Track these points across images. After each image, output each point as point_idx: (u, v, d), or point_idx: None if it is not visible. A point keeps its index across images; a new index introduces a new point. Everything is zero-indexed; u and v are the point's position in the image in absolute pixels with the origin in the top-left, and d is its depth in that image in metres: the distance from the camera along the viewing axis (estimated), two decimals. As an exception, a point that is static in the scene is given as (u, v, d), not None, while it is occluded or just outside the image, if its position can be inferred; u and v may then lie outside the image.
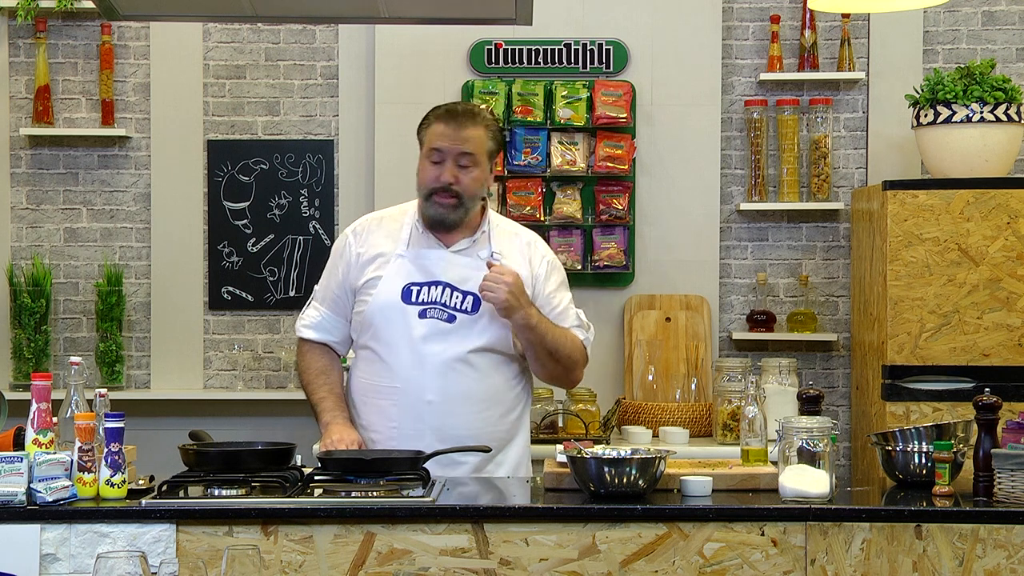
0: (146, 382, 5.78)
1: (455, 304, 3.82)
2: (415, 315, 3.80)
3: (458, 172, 3.82)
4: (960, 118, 5.11)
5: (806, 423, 3.30)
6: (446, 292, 3.83)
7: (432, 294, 3.82)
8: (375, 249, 3.90)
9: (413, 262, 3.85)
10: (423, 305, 3.81)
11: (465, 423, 3.80)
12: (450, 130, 3.84)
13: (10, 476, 3.11)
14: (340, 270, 3.93)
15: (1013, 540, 3.13)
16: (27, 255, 5.76)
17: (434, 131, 3.87)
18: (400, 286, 3.83)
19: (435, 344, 3.79)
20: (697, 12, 5.64)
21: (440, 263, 3.85)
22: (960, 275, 5.05)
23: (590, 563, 3.14)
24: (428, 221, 3.87)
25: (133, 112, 5.78)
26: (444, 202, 3.83)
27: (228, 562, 2.63)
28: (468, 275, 3.83)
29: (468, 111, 3.90)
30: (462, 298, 3.82)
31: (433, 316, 3.81)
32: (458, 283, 3.83)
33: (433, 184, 3.84)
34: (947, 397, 5.06)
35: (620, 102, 5.50)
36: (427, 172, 3.86)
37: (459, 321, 3.81)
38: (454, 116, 3.86)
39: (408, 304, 3.81)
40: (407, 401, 3.80)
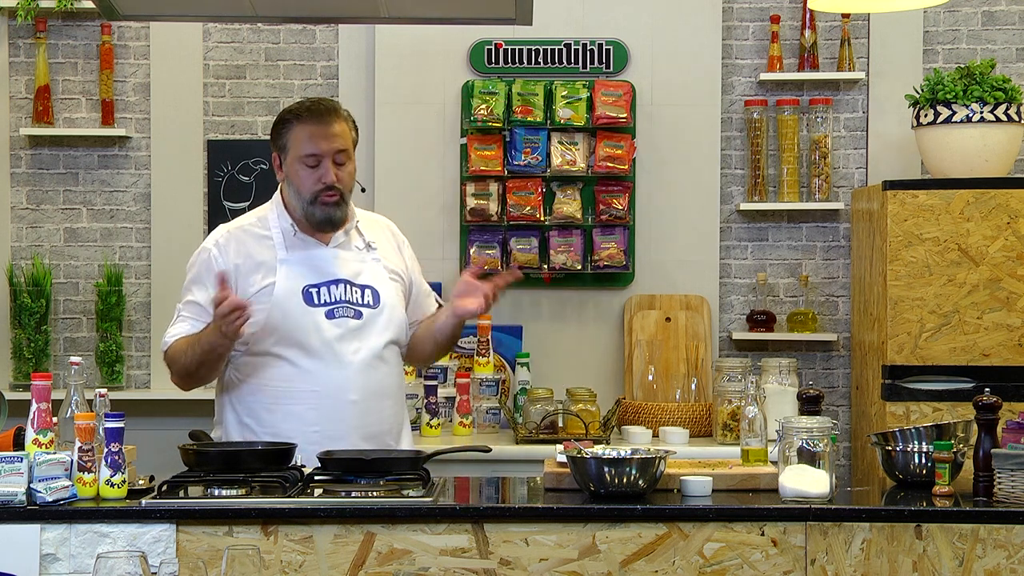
0: (146, 382, 5.78)
1: (358, 300, 3.83)
2: (322, 316, 3.79)
3: (337, 170, 3.82)
4: (960, 118, 5.11)
5: (806, 423, 3.30)
6: (348, 289, 3.84)
7: (334, 293, 3.82)
8: (253, 258, 3.84)
9: (302, 264, 3.83)
10: (328, 305, 3.81)
11: (384, 418, 3.85)
12: (321, 129, 3.80)
13: (10, 476, 3.11)
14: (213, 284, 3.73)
15: (1013, 540, 3.13)
16: (27, 255, 5.76)
17: (302, 133, 3.82)
18: (298, 289, 3.79)
19: (350, 343, 3.80)
20: (697, 12, 5.64)
21: (331, 261, 3.85)
22: (960, 275, 5.05)
23: (590, 563, 3.14)
24: (316, 223, 3.85)
25: (133, 112, 5.78)
26: (330, 201, 3.82)
27: (228, 562, 2.63)
28: (359, 269, 3.87)
29: (329, 107, 3.87)
30: (361, 293, 3.84)
31: (341, 315, 3.81)
32: (354, 278, 3.85)
33: (316, 187, 3.81)
34: (947, 397, 5.06)
35: (620, 102, 5.50)
36: (306, 176, 3.82)
37: (366, 317, 3.83)
38: (320, 115, 3.82)
39: (312, 306, 3.79)
40: (328, 403, 3.78)
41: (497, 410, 5.22)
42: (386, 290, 3.90)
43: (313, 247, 3.87)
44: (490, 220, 5.50)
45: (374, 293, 3.86)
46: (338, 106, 3.90)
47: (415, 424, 5.06)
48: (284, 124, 3.87)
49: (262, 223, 3.93)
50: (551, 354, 5.58)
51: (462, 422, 5.09)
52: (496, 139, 5.52)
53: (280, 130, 3.88)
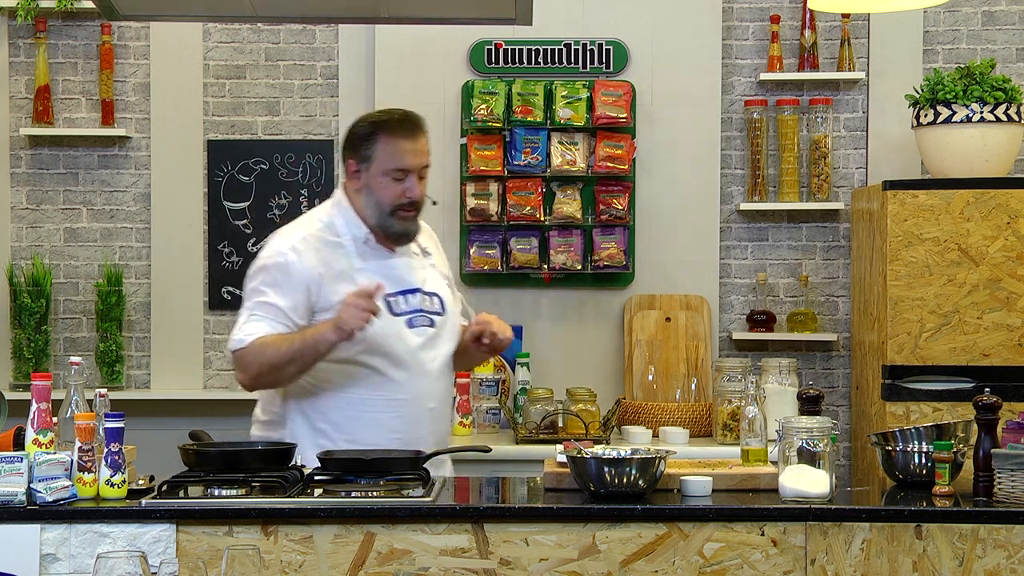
0: (146, 382, 5.79)
1: (430, 308, 3.85)
2: (404, 325, 3.78)
3: (419, 185, 3.81)
4: (960, 118, 5.11)
5: (806, 423, 3.30)
6: (424, 298, 3.84)
7: (412, 302, 3.82)
8: (332, 267, 3.78)
9: (378, 273, 3.78)
10: (408, 314, 3.80)
11: (448, 425, 3.94)
12: (414, 145, 3.81)
13: (10, 476, 3.11)
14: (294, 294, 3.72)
15: (1013, 540, 3.13)
16: (27, 255, 5.76)
17: (392, 147, 3.79)
18: (380, 299, 3.74)
19: (428, 351, 3.82)
20: (697, 12, 5.64)
21: (404, 269, 3.84)
22: (960, 275, 5.05)
23: (590, 563, 3.14)
24: (394, 235, 3.83)
25: (133, 112, 5.78)
26: (408, 216, 3.81)
27: (228, 562, 2.63)
28: (425, 276, 3.89)
29: (417, 121, 3.87)
30: (431, 300, 3.86)
31: (420, 324, 3.81)
32: (424, 286, 3.86)
33: (399, 200, 3.79)
34: (947, 397, 5.06)
35: (620, 102, 5.50)
36: (390, 190, 3.78)
37: (437, 324, 3.85)
38: (410, 130, 3.82)
39: (394, 315, 3.78)
40: (411, 411, 3.78)
41: (497, 410, 5.22)
42: (447, 296, 3.92)
43: (384, 256, 3.84)
44: (490, 220, 5.50)
45: (441, 300, 3.88)
46: (422, 120, 3.90)
47: (415, 424, 5.07)
48: (370, 136, 3.81)
49: (330, 230, 3.84)
50: (551, 354, 5.58)
51: (462, 422, 5.09)
52: (496, 139, 5.52)
53: (365, 140, 3.82)
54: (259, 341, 3.67)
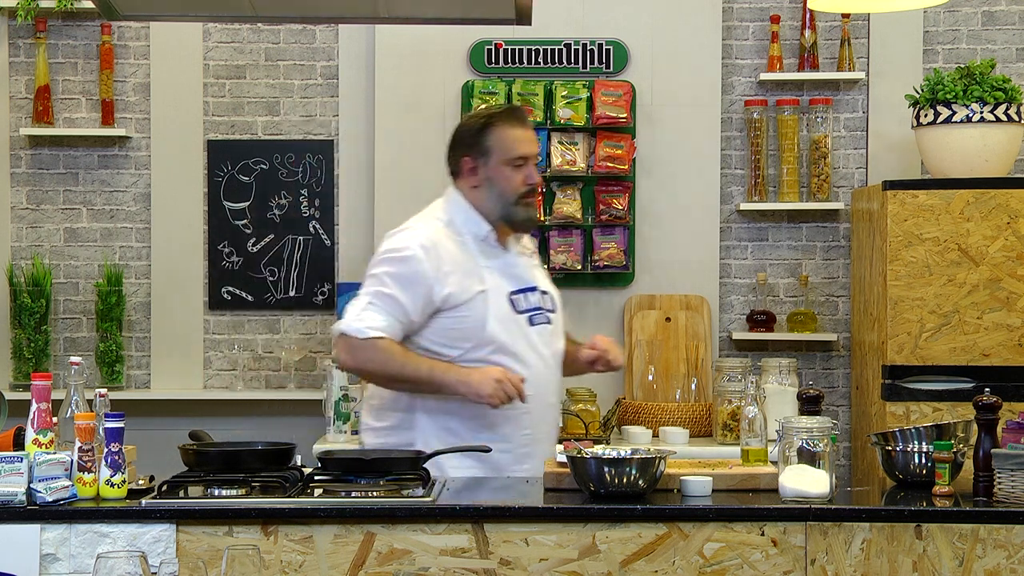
0: (146, 382, 5.79)
1: (547, 305, 3.89)
2: (526, 323, 3.82)
3: (536, 171, 3.87)
4: (960, 118, 5.11)
5: (806, 423, 3.30)
6: (541, 296, 3.88)
7: (531, 300, 3.85)
8: (460, 264, 3.77)
9: (501, 271, 3.82)
10: (528, 312, 3.83)
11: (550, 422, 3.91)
12: (527, 133, 3.85)
13: (10, 476, 3.11)
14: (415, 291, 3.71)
15: (1013, 540, 3.13)
16: (27, 255, 5.76)
17: (512, 136, 3.81)
18: (504, 297, 3.79)
19: (548, 348, 3.86)
20: (697, 12, 5.64)
21: (522, 267, 3.88)
22: (960, 275, 5.05)
23: (590, 563, 3.14)
24: (519, 223, 3.85)
25: (133, 112, 5.78)
26: (531, 201, 3.85)
27: (228, 562, 2.63)
28: (538, 275, 3.93)
29: (524, 112, 3.95)
30: (547, 297, 3.91)
31: (540, 321, 3.85)
32: (539, 283, 3.90)
33: (522, 188, 3.81)
34: (947, 397, 5.06)
35: (620, 102, 5.50)
36: (513, 179, 3.80)
37: (553, 321, 3.89)
38: (523, 119, 3.88)
39: (517, 313, 3.81)
40: (538, 407, 3.81)
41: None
42: (556, 295, 3.97)
43: (502, 254, 3.86)
44: (490, 220, 5.49)
45: (552, 298, 3.92)
46: None
47: (415, 424, 5.06)
48: (485, 129, 3.82)
49: (452, 227, 3.84)
50: (551, 354, 5.58)
51: (462, 422, 5.08)
52: (496, 139, 5.51)
53: (479, 135, 3.82)
54: (384, 345, 3.68)
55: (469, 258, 3.80)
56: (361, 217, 5.73)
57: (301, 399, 5.66)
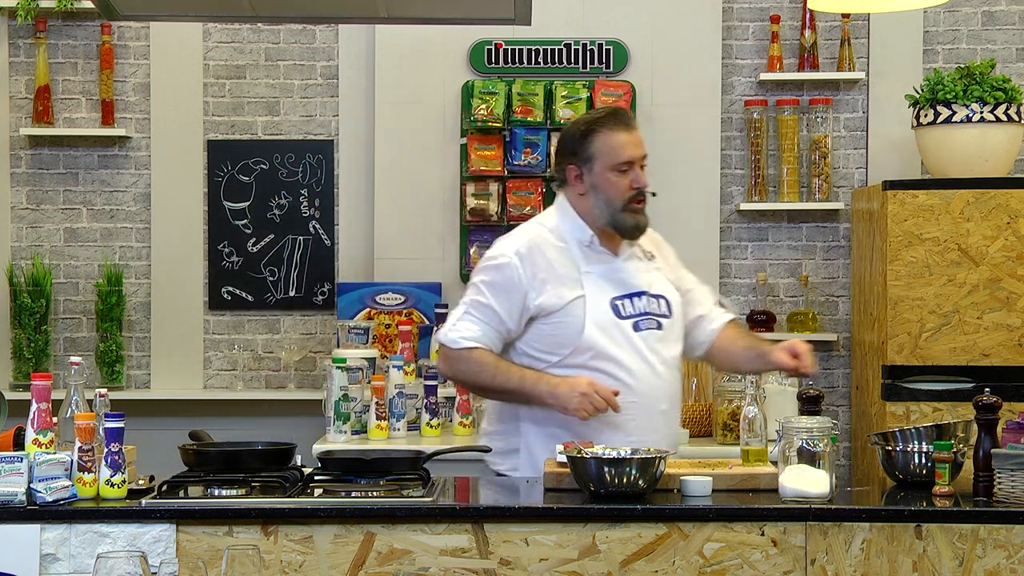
0: (146, 382, 5.79)
1: (656, 310, 3.81)
2: (631, 328, 3.76)
3: (643, 175, 3.81)
4: (960, 118, 5.11)
5: (806, 423, 3.30)
6: (650, 301, 3.80)
7: (638, 305, 3.78)
8: (556, 270, 3.76)
9: (603, 277, 3.79)
10: (634, 317, 3.77)
11: (677, 426, 3.85)
12: (631, 136, 3.78)
13: (10, 476, 3.11)
14: (510, 299, 3.73)
15: (1013, 540, 3.13)
16: (27, 255, 5.76)
17: (613, 141, 3.76)
18: (606, 302, 3.75)
19: (657, 353, 3.77)
20: (697, 12, 5.64)
21: (628, 272, 3.81)
22: (960, 275, 5.05)
23: (590, 563, 3.14)
24: (626, 229, 3.79)
25: (133, 112, 5.78)
26: (639, 207, 3.80)
27: (228, 562, 2.63)
28: (652, 279, 3.84)
29: (628, 114, 3.88)
30: (657, 303, 3.81)
31: (647, 327, 3.77)
32: (650, 289, 3.82)
33: (628, 193, 3.76)
34: (947, 397, 5.06)
35: (620, 102, 5.50)
36: (619, 184, 3.75)
37: (665, 327, 3.81)
38: (627, 122, 3.81)
39: (620, 319, 3.76)
40: (644, 414, 3.75)
41: (497, 410, 5.21)
42: (674, 299, 3.87)
43: (608, 259, 3.82)
44: (490, 220, 5.50)
45: (667, 303, 3.83)
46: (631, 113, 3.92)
47: (415, 424, 5.06)
48: (588, 135, 3.78)
49: (556, 234, 3.82)
50: (551, 354, 5.58)
51: (462, 422, 5.09)
52: (496, 139, 5.52)
53: (583, 142, 3.78)
54: (477, 355, 3.72)
55: (570, 264, 3.77)
56: (361, 217, 5.73)
57: (301, 399, 5.66)
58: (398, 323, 5.36)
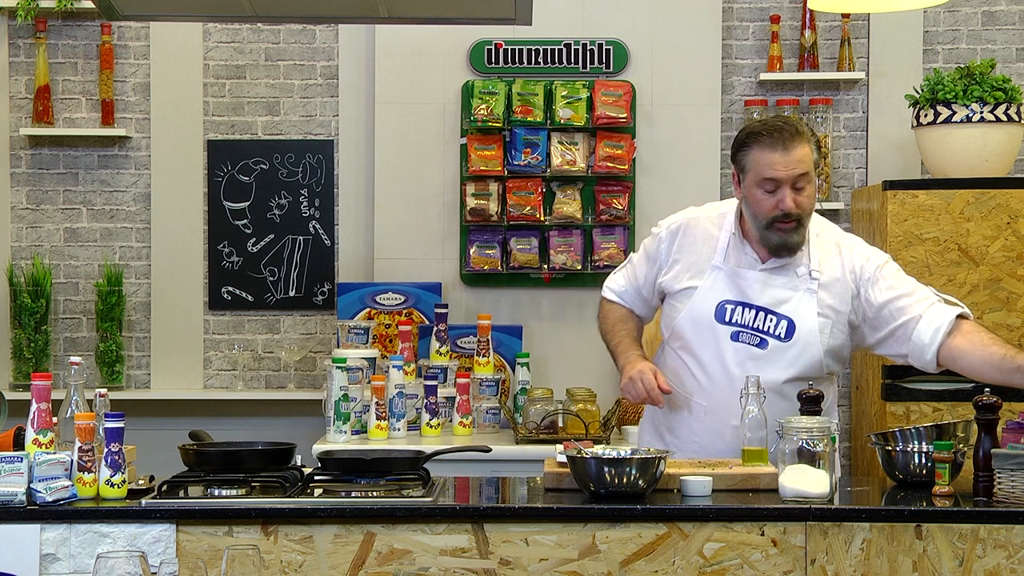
0: (146, 382, 5.79)
1: (768, 329, 3.72)
2: (727, 336, 3.73)
3: (796, 196, 3.65)
4: (960, 118, 5.11)
5: (806, 423, 3.30)
6: (759, 316, 3.72)
7: (746, 316, 3.73)
8: (690, 255, 3.80)
9: (729, 277, 3.75)
10: (736, 327, 3.73)
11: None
12: (782, 157, 3.64)
13: (10, 476, 3.11)
14: (648, 268, 3.93)
15: (1013, 540, 3.13)
16: (27, 255, 5.76)
17: (763, 159, 3.66)
18: (715, 302, 3.74)
19: (747, 370, 3.66)
20: (697, 12, 5.64)
21: (756, 284, 3.74)
22: (960, 275, 5.05)
23: (590, 563, 3.14)
24: (772, 248, 3.71)
25: (133, 112, 5.78)
26: (786, 227, 3.67)
27: (228, 562, 2.63)
28: (784, 296, 3.72)
29: (792, 131, 3.67)
30: (775, 322, 3.72)
31: (745, 340, 3.72)
32: (773, 306, 3.72)
33: (773, 213, 3.67)
34: (947, 397, 5.06)
35: (620, 102, 5.50)
36: (763, 203, 3.67)
37: (771, 347, 3.71)
38: (782, 140, 3.65)
39: (721, 324, 3.74)
40: (712, 420, 3.75)
41: (497, 410, 5.22)
42: (807, 325, 3.71)
43: (748, 263, 3.75)
44: (490, 220, 5.50)
45: (790, 325, 3.71)
46: (801, 127, 3.71)
47: (415, 424, 5.07)
48: (745, 145, 3.71)
49: (721, 220, 3.83)
50: (551, 354, 5.58)
51: (462, 422, 5.09)
52: (496, 139, 5.52)
53: (740, 150, 3.72)
54: (605, 311, 4.06)
55: (708, 254, 3.79)
56: (361, 217, 5.73)
57: (301, 399, 5.66)
58: (398, 323, 5.36)
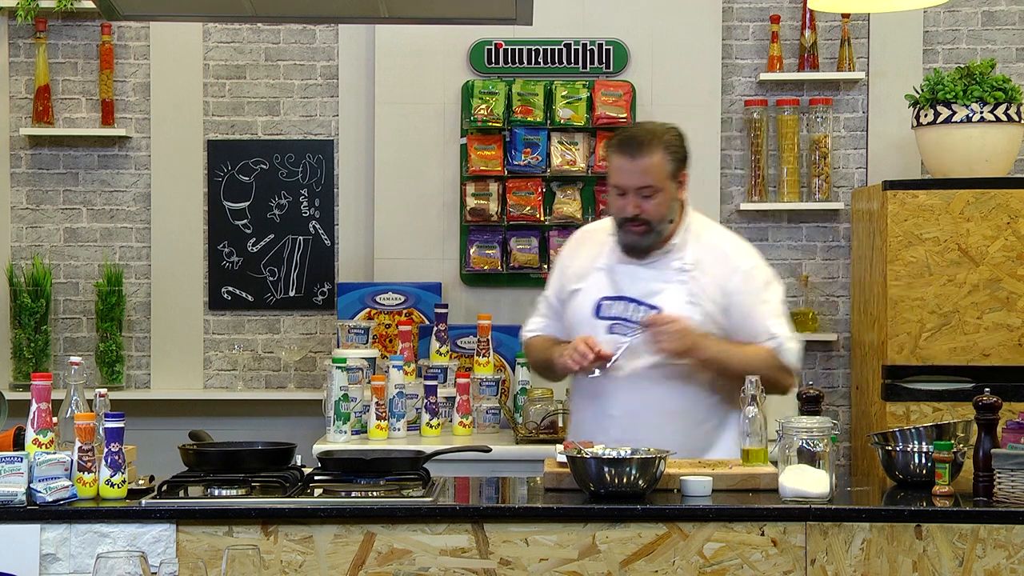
0: (146, 382, 5.78)
1: (637, 319, 3.83)
2: (603, 330, 3.84)
3: (641, 202, 3.80)
4: (960, 118, 5.11)
5: (806, 423, 3.30)
6: (631, 307, 3.85)
7: (616, 309, 3.86)
8: (580, 261, 3.97)
9: (608, 275, 3.90)
10: (611, 320, 3.85)
11: (653, 436, 3.68)
12: (627, 163, 3.80)
13: (10, 476, 3.11)
14: (556, 284, 4.04)
15: (1013, 540, 3.13)
16: (27, 255, 5.76)
17: (615, 164, 3.84)
18: (594, 300, 3.88)
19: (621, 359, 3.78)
20: (697, 12, 5.64)
21: (628, 277, 3.88)
22: (960, 275, 5.05)
23: (590, 563, 3.14)
24: (623, 247, 3.88)
25: (133, 112, 5.78)
26: (635, 230, 3.84)
27: (228, 562, 2.63)
28: (655, 288, 3.85)
29: (643, 140, 3.82)
30: (644, 313, 3.82)
31: (618, 332, 3.83)
32: (644, 297, 3.85)
33: (621, 215, 3.84)
34: (947, 397, 5.06)
35: (620, 102, 5.50)
36: (615, 204, 3.86)
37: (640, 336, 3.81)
38: (631, 149, 3.81)
39: (598, 319, 3.87)
40: (593, 415, 3.87)
41: (497, 410, 5.22)
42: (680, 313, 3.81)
43: (626, 260, 3.90)
44: (490, 220, 5.50)
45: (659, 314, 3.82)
46: (656, 135, 3.85)
47: (415, 424, 5.06)
48: (609, 147, 3.91)
49: (608, 227, 3.97)
50: (551, 354, 5.57)
51: (462, 422, 5.09)
52: (496, 139, 5.52)
53: (607, 152, 3.95)
54: (531, 343, 4.10)
55: (593, 258, 3.94)
56: (361, 217, 5.73)
57: (301, 399, 5.66)
58: (398, 323, 5.36)
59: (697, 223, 3.97)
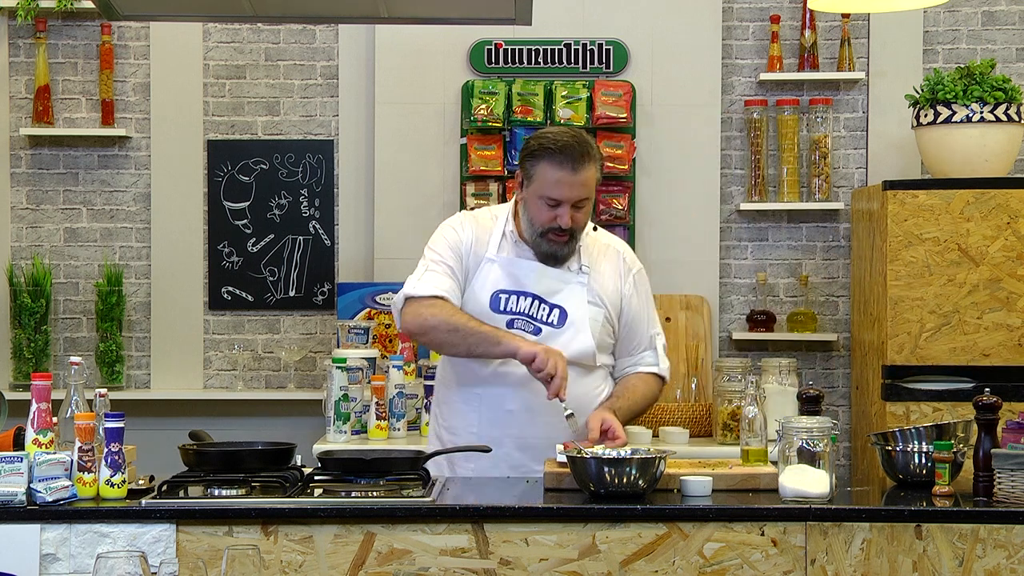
0: (146, 382, 5.79)
1: (541, 317, 3.79)
2: (503, 325, 3.76)
3: (574, 213, 3.74)
4: (960, 118, 5.11)
5: (806, 423, 3.30)
6: (534, 304, 3.80)
7: (521, 304, 3.80)
8: (475, 246, 3.84)
9: (503, 268, 3.81)
10: (510, 315, 3.79)
11: (547, 432, 3.70)
12: (568, 177, 3.70)
13: (10, 476, 3.11)
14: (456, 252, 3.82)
15: (1013, 540, 3.13)
16: (27, 255, 5.76)
17: (550, 177, 3.71)
18: (489, 293, 3.80)
19: None
20: (697, 12, 5.64)
21: (531, 274, 3.80)
22: (960, 275, 5.05)
23: (590, 563, 3.14)
24: (541, 256, 3.80)
25: (133, 112, 5.78)
26: (559, 240, 3.77)
27: (228, 562, 2.63)
28: (558, 287, 3.81)
29: (582, 152, 3.72)
30: (548, 311, 3.80)
31: (519, 327, 3.77)
32: (547, 295, 3.80)
33: (549, 225, 3.75)
34: (947, 397, 5.06)
35: (620, 102, 5.50)
36: (542, 214, 3.75)
37: (544, 334, 3.77)
38: (571, 161, 3.71)
39: (495, 312, 3.78)
40: (488, 409, 3.80)
41: (497, 410, 5.22)
42: (578, 313, 3.80)
43: (525, 256, 3.83)
44: (490, 220, 5.49)
45: (562, 313, 3.79)
46: (590, 148, 3.77)
47: (415, 424, 5.07)
48: (535, 155, 3.75)
49: (493, 220, 3.89)
50: (551, 354, 5.58)
51: (462, 422, 5.08)
52: (496, 139, 5.52)
53: (530, 158, 3.77)
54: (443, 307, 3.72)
55: (486, 246, 3.83)
56: (361, 217, 5.73)
57: (301, 399, 5.66)
58: (398, 323, 5.36)
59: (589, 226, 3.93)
